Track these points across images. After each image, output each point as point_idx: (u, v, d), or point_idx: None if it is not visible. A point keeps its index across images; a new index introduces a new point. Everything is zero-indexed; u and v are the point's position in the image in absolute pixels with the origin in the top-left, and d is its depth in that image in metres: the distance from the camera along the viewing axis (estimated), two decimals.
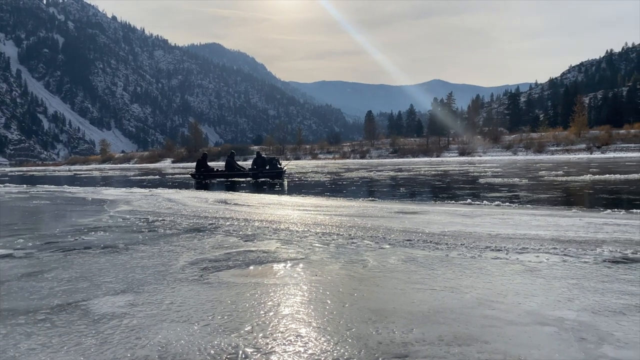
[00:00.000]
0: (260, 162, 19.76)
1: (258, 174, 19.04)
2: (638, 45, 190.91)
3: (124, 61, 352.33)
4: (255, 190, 12.49)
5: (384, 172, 21.03)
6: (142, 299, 2.63)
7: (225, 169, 20.04)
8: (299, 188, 13.00)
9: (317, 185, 13.95)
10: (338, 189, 12.54)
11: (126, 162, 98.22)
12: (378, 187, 13.12)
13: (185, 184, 16.47)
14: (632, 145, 55.02)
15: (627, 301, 2.44)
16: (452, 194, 9.65)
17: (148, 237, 4.77)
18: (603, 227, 4.77)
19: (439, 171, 21.45)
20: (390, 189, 12.37)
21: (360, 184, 14.55)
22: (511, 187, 10.95)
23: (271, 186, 14.19)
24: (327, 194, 10.53)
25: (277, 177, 18.77)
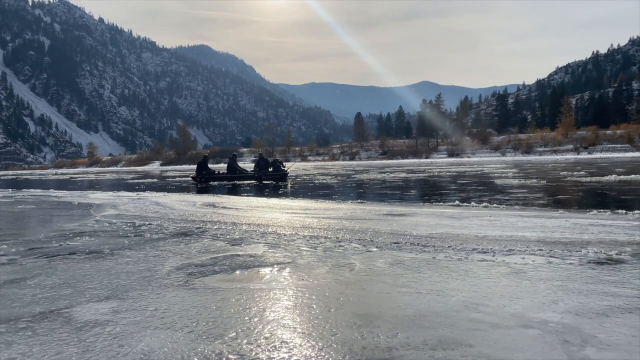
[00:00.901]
0: (263, 164, 19.21)
1: (262, 177, 18.47)
2: (624, 46, 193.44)
3: (112, 63, 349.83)
4: (259, 193, 11.92)
5: (396, 174, 20.22)
6: (126, 306, 2.61)
7: (227, 171, 19.60)
8: (308, 192, 12.25)
9: (327, 188, 13.36)
10: (360, 193, 11.61)
11: (114, 165, 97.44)
12: (394, 189, 12.07)
13: (185, 188, 16.16)
14: (618, 146, 55.67)
15: (610, 303, 2.46)
16: (493, 198, 8.68)
17: (134, 242, 4.72)
18: (589, 228, 4.81)
19: (454, 172, 20.58)
20: (413, 191, 11.48)
21: (377, 186, 13.53)
22: (545, 190, 10.14)
23: (275, 189, 13.54)
24: (356, 200, 9.18)
25: (280, 179, 18.21)
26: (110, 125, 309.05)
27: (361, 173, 23.20)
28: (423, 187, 12.87)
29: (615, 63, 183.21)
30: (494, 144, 69.71)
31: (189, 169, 52.66)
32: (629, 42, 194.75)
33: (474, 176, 16.92)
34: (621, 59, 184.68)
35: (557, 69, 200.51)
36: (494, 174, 17.32)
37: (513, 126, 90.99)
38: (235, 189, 14.28)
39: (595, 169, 19.43)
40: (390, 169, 27.83)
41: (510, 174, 16.90)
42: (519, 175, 16.45)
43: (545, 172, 17.78)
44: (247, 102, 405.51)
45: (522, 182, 12.20)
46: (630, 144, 55.11)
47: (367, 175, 20.57)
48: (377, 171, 24.80)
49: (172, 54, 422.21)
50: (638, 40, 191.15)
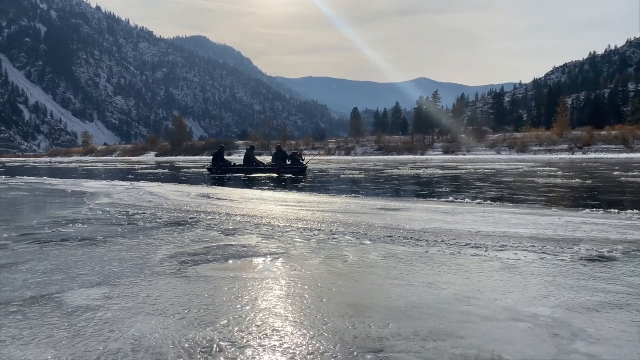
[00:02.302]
0: (281, 157, 18.46)
1: (280, 170, 17.73)
2: (621, 48, 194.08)
3: (108, 52, 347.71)
4: (275, 187, 11.36)
5: (428, 170, 19.50)
6: (118, 292, 2.60)
7: (244, 163, 18.79)
8: (332, 187, 11.60)
9: (357, 184, 12.47)
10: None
11: (109, 155, 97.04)
12: (436, 186, 11.28)
13: (201, 179, 15.56)
14: (613, 147, 55.89)
15: (600, 298, 2.47)
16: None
17: (127, 230, 4.71)
18: (581, 226, 4.83)
19: (491, 170, 19.48)
20: (455, 188, 10.48)
21: (416, 182, 12.60)
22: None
23: (294, 183, 13.10)
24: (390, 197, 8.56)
25: (300, 173, 17.44)
26: (105, 115, 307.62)
27: (392, 168, 22.32)
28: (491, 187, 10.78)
29: (612, 64, 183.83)
30: (490, 142, 69.83)
31: (184, 160, 52.47)
32: (626, 44, 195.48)
33: (514, 175, 16.71)
34: (618, 60, 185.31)
35: (554, 69, 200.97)
36: (537, 173, 16.78)
37: (509, 125, 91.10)
38: (252, 182, 13.69)
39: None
40: (423, 165, 26.96)
41: (559, 174, 16.69)
42: (557, 174, 16.47)
43: (582, 170, 17.75)
44: (243, 95, 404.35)
45: (568, 182, 12.23)
46: (625, 145, 55.34)
47: (399, 170, 19.76)
48: (407, 167, 23.90)
49: (169, 45, 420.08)
50: (635, 42, 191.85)
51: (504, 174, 16.34)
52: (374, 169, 23.02)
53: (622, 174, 15.05)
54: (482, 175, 15.96)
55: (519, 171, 18.28)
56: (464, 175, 15.73)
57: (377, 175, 16.59)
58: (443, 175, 16.53)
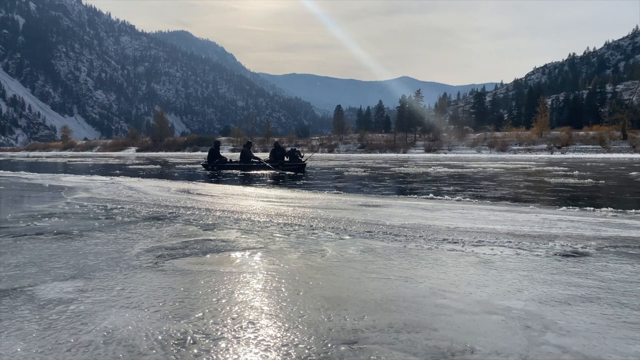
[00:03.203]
0: (279, 154, 17.95)
1: (279, 166, 17.22)
2: (599, 50, 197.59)
3: (89, 46, 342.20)
4: (274, 184, 11.20)
5: (432, 168, 18.98)
6: (92, 285, 2.57)
7: (240, 160, 18.20)
8: (332, 185, 11.30)
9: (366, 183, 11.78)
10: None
11: (89, 150, 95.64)
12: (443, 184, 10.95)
13: (196, 176, 15.08)
14: (590, 147, 56.96)
15: (572, 292, 2.52)
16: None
17: (105, 224, 4.65)
18: (557, 223, 4.91)
19: (501, 169, 19.08)
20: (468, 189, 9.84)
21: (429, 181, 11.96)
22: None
23: (293, 180, 12.78)
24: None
25: (299, 170, 16.99)
26: (85, 109, 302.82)
27: (397, 166, 21.77)
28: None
29: (590, 66, 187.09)
30: (471, 140, 70.57)
31: (165, 156, 51.93)
32: (604, 46, 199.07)
33: (527, 173, 16.82)
34: (596, 62, 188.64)
35: (534, 70, 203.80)
36: (547, 172, 16.80)
37: (490, 124, 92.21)
38: (248, 179, 13.32)
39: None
40: (437, 162, 26.36)
41: (576, 173, 17.00)
42: (569, 173, 16.66)
43: (600, 171, 18.00)
44: (226, 91, 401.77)
45: (583, 181, 12.38)
46: (602, 146, 56.43)
47: (405, 168, 19.31)
48: (415, 164, 23.31)
49: (151, 39, 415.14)
50: (613, 45, 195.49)
51: (514, 173, 16.52)
52: (378, 166, 22.53)
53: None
54: (491, 173, 16.10)
55: (529, 170, 18.15)
56: (474, 174, 15.82)
57: (382, 173, 16.27)
58: (453, 173, 16.60)
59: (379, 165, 23.98)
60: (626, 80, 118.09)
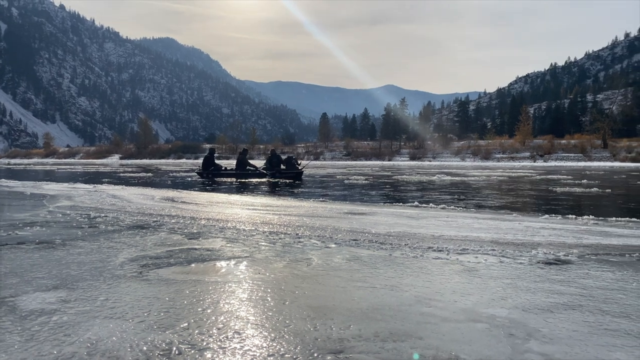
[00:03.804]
0: (275, 161, 17.58)
1: (275, 174, 16.95)
2: (580, 60, 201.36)
3: (72, 52, 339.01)
4: (272, 192, 11.00)
5: (437, 176, 18.48)
6: (75, 295, 2.53)
7: (236, 167, 17.79)
8: (330, 193, 10.81)
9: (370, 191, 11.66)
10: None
11: (71, 157, 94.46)
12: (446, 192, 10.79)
13: (190, 184, 14.60)
14: (572, 155, 57.81)
15: (555, 300, 2.55)
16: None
17: (88, 233, 4.60)
18: (540, 230, 4.98)
19: (505, 177, 18.80)
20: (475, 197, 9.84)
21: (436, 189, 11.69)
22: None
23: (291, 188, 12.54)
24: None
25: (296, 178, 16.75)
26: (68, 116, 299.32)
27: (399, 174, 21.29)
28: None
29: (571, 75, 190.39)
30: (455, 149, 71.16)
31: (149, 164, 51.46)
32: (584, 56, 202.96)
33: (532, 182, 16.94)
34: (577, 72, 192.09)
35: (517, 79, 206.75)
36: (552, 181, 16.46)
37: (473, 132, 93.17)
38: (245, 187, 13.06)
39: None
40: (438, 171, 25.59)
41: (584, 182, 16.82)
42: (577, 182, 16.75)
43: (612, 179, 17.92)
44: (211, 98, 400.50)
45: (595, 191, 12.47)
46: (583, 154, 57.32)
47: (408, 177, 18.72)
48: (412, 172, 22.70)
49: (135, 46, 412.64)
50: (593, 55, 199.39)
51: (517, 181, 16.64)
52: (378, 174, 22.22)
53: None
54: (495, 181, 16.11)
55: (534, 179, 17.93)
56: (477, 182, 15.77)
57: (384, 182, 15.96)
58: (458, 182, 16.54)
59: (380, 173, 23.41)
60: (606, 90, 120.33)
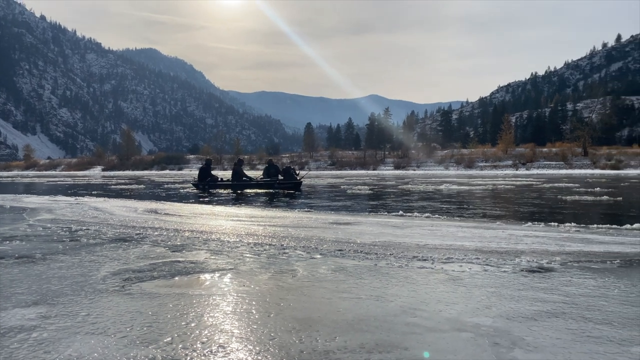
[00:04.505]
0: (273, 171, 17.34)
1: (274, 185, 16.64)
2: (559, 69, 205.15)
3: (53, 63, 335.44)
4: (269, 204, 10.66)
5: (445, 185, 18.04)
6: (56, 311, 2.49)
7: (232, 178, 17.48)
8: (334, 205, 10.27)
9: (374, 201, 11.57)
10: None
11: (52, 169, 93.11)
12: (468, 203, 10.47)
13: (185, 196, 14.01)
14: (553, 163, 58.61)
15: (539, 308, 2.57)
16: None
17: (69, 246, 4.53)
18: (523, 238, 5.03)
19: (512, 185, 18.38)
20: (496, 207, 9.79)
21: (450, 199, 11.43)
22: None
23: (294, 199, 12.36)
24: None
25: (294, 188, 16.45)
26: (49, 128, 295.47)
27: (404, 183, 20.82)
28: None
29: (551, 84, 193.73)
30: (438, 157, 71.69)
31: (132, 175, 50.91)
32: (564, 66, 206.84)
33: (538, 190, 16.77)
34: (557, 81, 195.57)
35: (499, 88, 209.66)
36: (560, 189, 16.08)
37: (456, 141, 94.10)
38: (242, 198, 12.80)
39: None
40: (444, 180, 24.66)
41: (596, 190, 16.52)
42: (589, 190, 16.75)
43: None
44: (195, 108, 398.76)
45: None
46: (564, 162, 58.17)
47: (415, 186, 18.30)
48: (417, 181, 22.10)
49: (118, 56, 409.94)
50: (572, 64, 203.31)
51: (527, 191, 16.70)
52: (381, 184, 21.71)
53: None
54: (502, 190, 16.02)
55: (540, 187, 17.44)
56: (485, 191, 15.57)
57: (388, 191, 15.49)
58: (465, 190, 15.67)
59: (384, 183, 22.88)
60: (585, 99, 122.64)
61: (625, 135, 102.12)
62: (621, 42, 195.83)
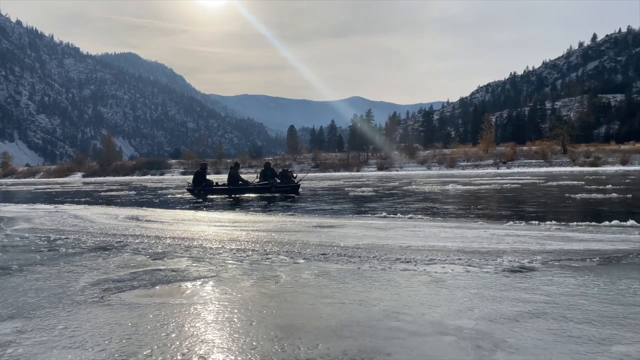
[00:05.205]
0: (270, 174, 17.02)
1: (271, 188, 16.40)
2: (537, 69, 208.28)
3: (30, 69, 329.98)
4: (266, 208, 10.44)
5: (451, 185, 17.90)
6: (32, 325, 2.43)
7: (228, 182, 17.04)
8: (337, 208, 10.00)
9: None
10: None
11: (31, 177, 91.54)
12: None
13: (179, 202, 13.77)
14: (534, 161, 59.42)
15: (520, 308, 2.59)
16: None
17: (47, 257, 4.44)
18: (505, 238, 5.07)
19: (516, 185, 18.01)
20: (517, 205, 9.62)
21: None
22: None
23: (291, 203, 12.15)
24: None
25: (292, 191, 16.37)
26: (27, 134, 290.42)
27: (406, 184, 20.44)
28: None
29: (530, 84, 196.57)
30: (421, 158, 72.21)
31: (113, 181, 50.28)
32: (542, 65, 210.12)
33: (544, 188, 16.94)
34: (535, 81, 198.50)
35: (479, 88, 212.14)
36: (564, 187, 16.01)
37: (438, 141, 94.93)
38: (238, 203, 12.56)
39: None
40: (450, 180, 24.57)
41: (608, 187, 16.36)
42: (600, 187, 16.89)
43: None
44: (176, 113, 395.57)
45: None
46: (544, 160, 59.01)
47: (421, 186, 18.04)
48: (427, 182, 21.69)
49: (97, 61, 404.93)
50: (550, 64, 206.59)
51: (533, 189, 16.82)
52: (384, 185, 21.33)
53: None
54: (507, 189, 16.18)
55: (542, 185, 17.71)
56: (493, 191, 15.78)
57: (393, 193, 15.28)
58: (474, 190, 15.79)
59: (387, 184, 22.23)
60: (564, 98, 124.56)
61: (603, 132, 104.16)
62: (597, 41, 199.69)
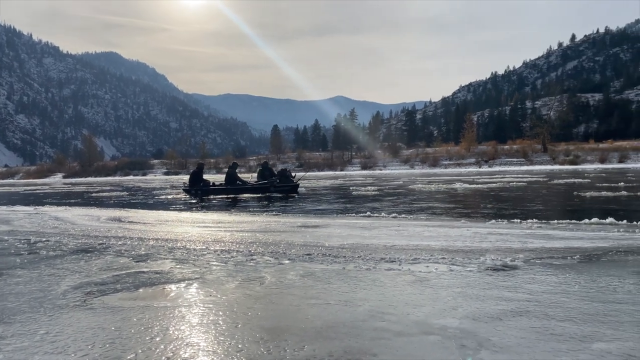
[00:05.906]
0: (268, 174, 16.84)
1: (271, 188, 16.11)
2: (518, 68, 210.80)
3: (8, 68, 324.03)
4: (265, 208, 10.18)
5: (459, 184, 17.68)
6: (12, 331, 2.39)
7: (226, 182, 16.69)
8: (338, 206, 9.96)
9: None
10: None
11: (10, 178, 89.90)
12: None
13: (172, 203, 13.42)
14: (515, 160, 60.15)
15: (503, 307, 2.62)
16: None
17: (27, 260, 4.36)
18: (487, 236, 5.12)
19: (523, 183, 17.94)
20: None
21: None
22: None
23: (290, 202, 12.03)
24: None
25: (291, 191, 16.16)
26: (6, 135, 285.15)
27: (414, 183, 19.93)
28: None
29: (511, 83, 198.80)
30: (404, 157, 72.60)
31: (95, 182, 49.61)
32: (522, 65, 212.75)
33: (555, 186, 16.62)
34: (516, 80, 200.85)
35: (460, 88, 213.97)
36: (574, 185, 15.96)
37: (421, 140, 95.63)
38: (236, 204, 12.39)
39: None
40: (457, 179, 23.84)
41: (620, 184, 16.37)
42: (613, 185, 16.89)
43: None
44: (158, 112, 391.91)
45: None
46: (525, 158, 59.77)
47: (429, 185, 17.47)
48: (435, 183, 20.36)
49: (77, 60, 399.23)
50: (530, 64, 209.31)
51: (542, 187, 16.87)
52: (387, 184, 20.75)
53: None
54: (514, 188, 16.14)
55: (552, 182, 17.55)
56: (504, 189, 15.42)
57: (398, 192, 14.86)
58: (485, 189, 15.54)
59: (391, 183, 21.66)
60: (544, 97, 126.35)
61: (582, 131, 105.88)
62: (575, 41, 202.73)
